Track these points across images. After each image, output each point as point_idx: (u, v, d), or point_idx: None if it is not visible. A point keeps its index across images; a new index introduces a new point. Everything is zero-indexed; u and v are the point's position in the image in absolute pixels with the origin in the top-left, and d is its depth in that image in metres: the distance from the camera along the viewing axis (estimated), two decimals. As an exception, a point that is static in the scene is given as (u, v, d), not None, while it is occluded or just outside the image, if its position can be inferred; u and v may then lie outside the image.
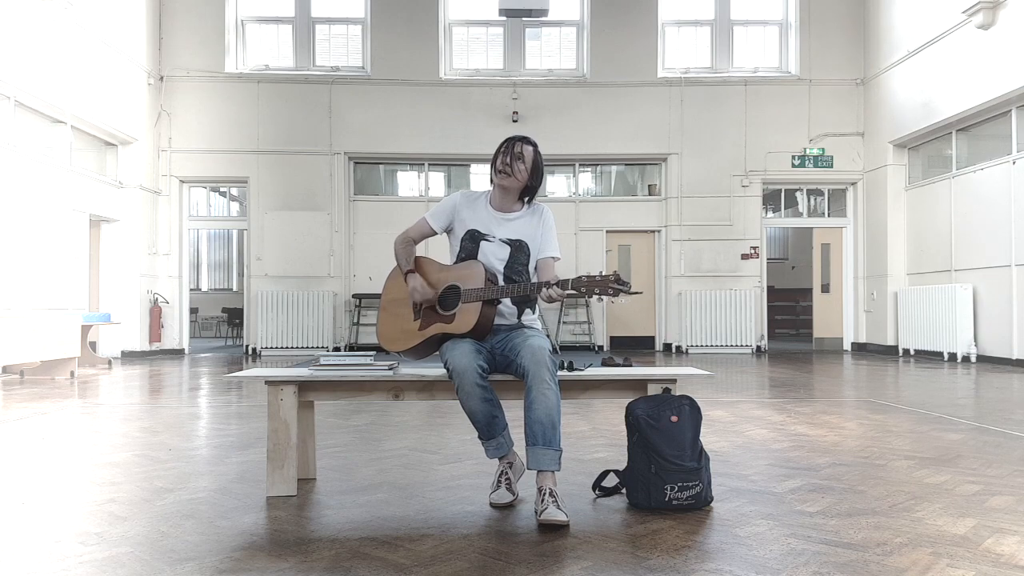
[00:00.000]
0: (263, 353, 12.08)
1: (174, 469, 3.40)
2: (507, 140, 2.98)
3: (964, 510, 2.65)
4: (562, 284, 2.65)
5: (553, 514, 2.47)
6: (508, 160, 2.92)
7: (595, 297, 2.61)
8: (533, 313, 3.01)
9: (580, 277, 2.64)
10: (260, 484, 3.06)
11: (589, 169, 13.13)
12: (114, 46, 10.73)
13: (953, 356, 10.14)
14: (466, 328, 2.80)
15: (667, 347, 12.57)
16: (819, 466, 3.41)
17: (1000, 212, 9.50)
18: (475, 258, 2.92)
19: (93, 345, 10.90)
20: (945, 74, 10.33)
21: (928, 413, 5.13)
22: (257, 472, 3.30)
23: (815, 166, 12.53)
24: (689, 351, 12.34)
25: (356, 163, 12.77)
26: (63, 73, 9.46)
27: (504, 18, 12.22)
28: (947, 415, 5.02)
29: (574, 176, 12.98)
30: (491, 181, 3.01)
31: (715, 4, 12.81)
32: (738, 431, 4.41)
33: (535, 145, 2.99)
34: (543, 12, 11.52)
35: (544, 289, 2.66)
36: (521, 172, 2.93)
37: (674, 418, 2.70)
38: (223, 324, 17.57)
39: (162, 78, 12.20)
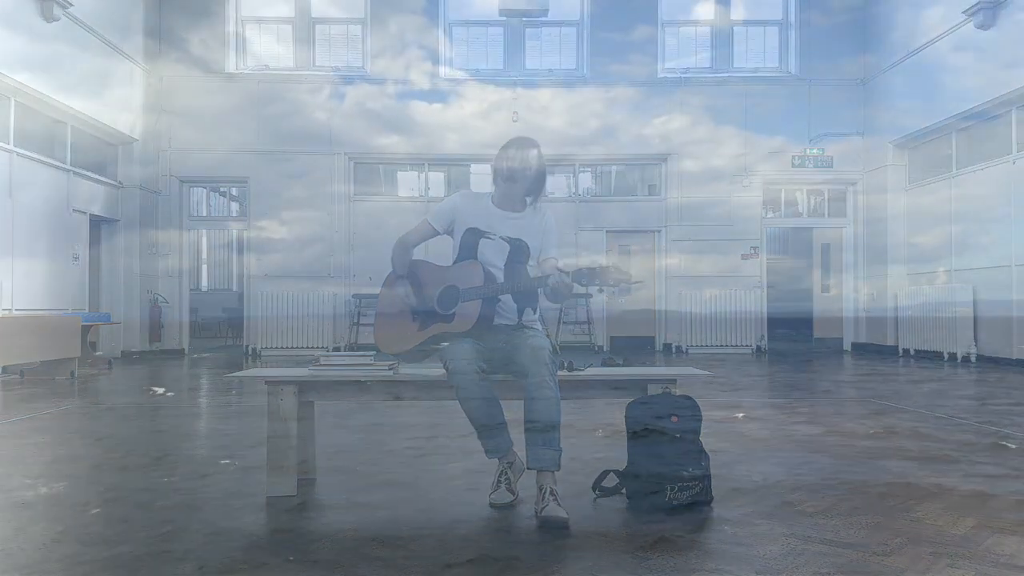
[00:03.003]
0: (263, 353, 12.08)
1: (174, 469, 3.40)
2: (511, 143, 2.95)
3: (964, 510, 2.65)
4: (560, 276, 2.64)
5: (554, 510, 2.47)
6: (513, 166, 2.91)
7: (596, 288, 2.61)
8: (534, 313, 3.00)
9: (580, 269, 2.64)
10: (260, 484, 3.05)
11: (589, 169, 13.12)
12: (114, 46, 10.72)
13: (953, 356, 10.13)
14: (466, 326, 2.79)
15: (667, 347, 12.56)
16: (819, 466, 3.41)
17: (1000, 212, 9.50)
18: (474, 256, 2.91)
19: (93, 345, 10.88)
20: (945, 74, 10.32)
21: (928, 413, 5.12)
22: (257, 472, 3.30)
23: (815, 166, 12.52)
24: (689, 351, 12.33)
25: (356, 163, 12.77)
26: (63, 73, 9.45)
27: (504, 18, 12.21)
28: (947, 415, 5.02)
29: (574, 176, 12.97)
30: (494, 181, 2.99)
31: (715, 4, 12.80)
32: (738, 431, 4.41)
33: (538, 147, 2.96)
34: (543, 12, 11.53)
35: (547, 279, 2.66)
36: (525, 178, 2.93)
37: (674, 418, 2.70)
38: (223, 324, 17.54)
39: (162, 78, 12.20)
